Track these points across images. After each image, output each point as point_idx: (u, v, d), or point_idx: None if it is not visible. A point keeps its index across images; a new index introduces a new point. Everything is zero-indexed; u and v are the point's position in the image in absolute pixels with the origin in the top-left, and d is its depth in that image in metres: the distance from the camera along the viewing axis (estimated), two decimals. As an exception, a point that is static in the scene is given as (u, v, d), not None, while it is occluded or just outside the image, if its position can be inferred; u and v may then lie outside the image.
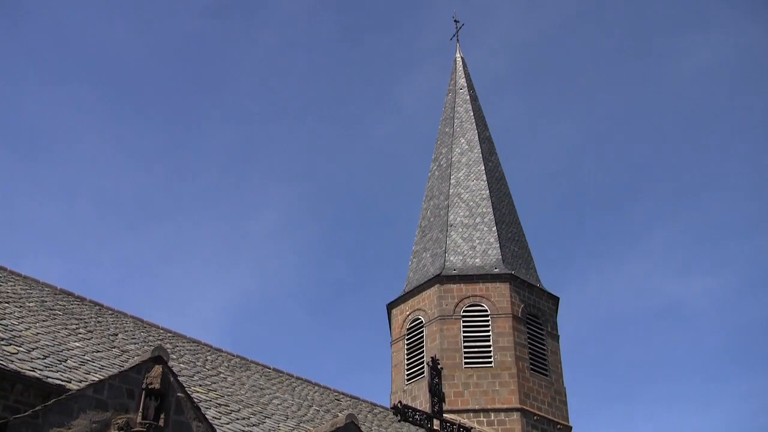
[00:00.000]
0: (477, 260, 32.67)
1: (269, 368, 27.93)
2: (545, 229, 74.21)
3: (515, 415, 29.08)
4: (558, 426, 30.07)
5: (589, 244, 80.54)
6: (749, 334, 75.46)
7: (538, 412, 29.59)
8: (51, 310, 21.22)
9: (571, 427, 30.58)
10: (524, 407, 29.25)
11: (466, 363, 30.22)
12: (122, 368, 14.54)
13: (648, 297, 77.92)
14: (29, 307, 20.48)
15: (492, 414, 29.20)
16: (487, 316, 31.05)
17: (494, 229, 33.64)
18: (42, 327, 19.04)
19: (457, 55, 41.72)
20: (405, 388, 31.15)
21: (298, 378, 28.58)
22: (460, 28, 42.50)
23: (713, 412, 74.55)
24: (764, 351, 74.17)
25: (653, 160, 79.13)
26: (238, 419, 19.25)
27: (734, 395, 74.64)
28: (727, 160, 77.66)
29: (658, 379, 76.35)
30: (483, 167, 36.06)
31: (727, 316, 76.71)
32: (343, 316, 79.19)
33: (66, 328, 20.01)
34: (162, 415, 13.86)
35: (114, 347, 20.47)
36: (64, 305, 22.48)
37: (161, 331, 25.38)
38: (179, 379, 15.08)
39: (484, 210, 34.42)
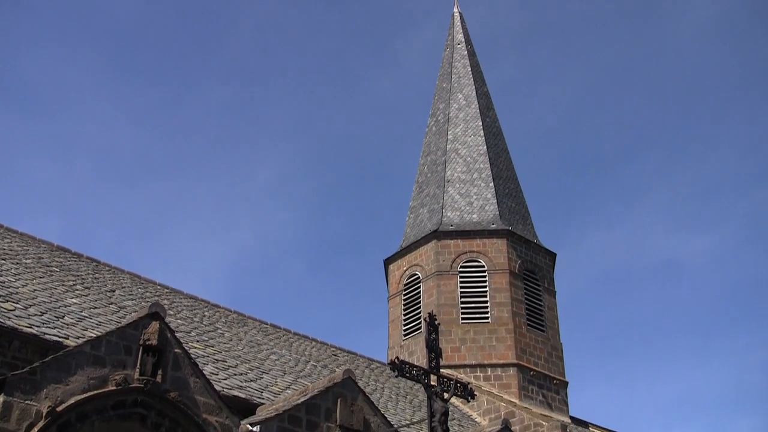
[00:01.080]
0: (474, 216, 32.66)
1: (266, 324, 28.03)
2: (543, 185, 74.23)
3: (512, 371, 29.23)
4: (554, 381, 30.22)
5: (587, 201, 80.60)
6: (746, 291, 75.83)
7: (534, 368, 29.73)
8: (48, 266, 21.22)
9: (567, 383, 30.75)
10: (521, 363, 29.39)
11: (463, 318, 30.32)
12: (119, 324, 14.56)
13: (646, 253, 78.10)
14: (26, 263, 20.48)
15: (489, 369, 29.34)
16: (484, 271, 31.09)
17: (491, 184, 33.60)
18: (39, 283, 19.05)
19: (455, 9, 41.36)
20: (402, 343, 31.26)
21: (295, 333, 28.70)
22: (458, -18, 42.12)
23: (709, 368, 75.08)
24: (761, 307, 74.59)
25: (652, 116, 78.98)
26: (235, 374, 19.33)
27: (730, 351, 75.12)
28: (726, 117, 77.53)
29: (655, 335, 76.77)
30: (480, 123, 35.94)
31: (725, 272, 77.01)
32: (340, 271, 79.40)
33: (63, 285, 20.01)
34: (159, 371, 13.91)
35: (111, 303, 20.49)
36: (61, 262, 22.49)
37: (158, 287, 25.43)
38: (176, 335, 15.11)
39: (482, 166, 34.35)
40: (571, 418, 30.04)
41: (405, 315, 31.88)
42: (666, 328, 76.84)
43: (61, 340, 15.21)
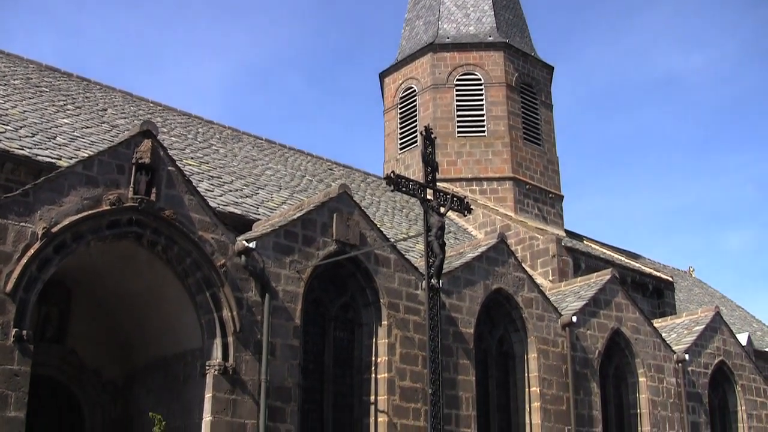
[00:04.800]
0: (471, 28, 32.04)
1: (261, 139, 27.93)
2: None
3: (507, 184, 29.33)
4: (549, 195, 30.37)
5: (587, 14, 78.84)
6: (744, 108, 75.61)
7: (530, 181, 29.82)
8: (37, 87, 20.94)
9: (562, 196, 30.91)
10: (516, 176, 29.47)
11: (459, 132, 30.21)
12: (112, 143, 14.42)
13: (646, 69, 77.28)
14: (14, 84, 20.20)
15: (485, 183, 29.44)
16: (480, 84, 30.77)
17: (488, -5, 32.80)
18: (29, 105, 18.83)
19: None
20: (398, 157, 31.27)
21: (290, 148, 28.64)
22: None
23: (704, 182, 75.78)
24: (758, 124, 74.59)
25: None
26: (230, 191, 19.37)
27: (725, 166, 75.70)
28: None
29: (651, 150, 77.02)
30: (477, -70, 34.76)
31: (724, 89, 76.49)
32: (337, 85, 78.73)
33: (53, 105, 19.80)
34: (153, 190, 13.86)
35: (103, 122, 20.33)
36: (51, 82, 22.17)
37: (151, 105, 25.18)
38: (170, 152, 15.00)
39: (478, -25, 33.43)
40: (566, 231, 30.36)
41: (401, 129, 31.76)
42: (663, 143, 77.11)
43: (53, 160, 15.14)
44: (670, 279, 29.63)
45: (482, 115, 30.38)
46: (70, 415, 15.66)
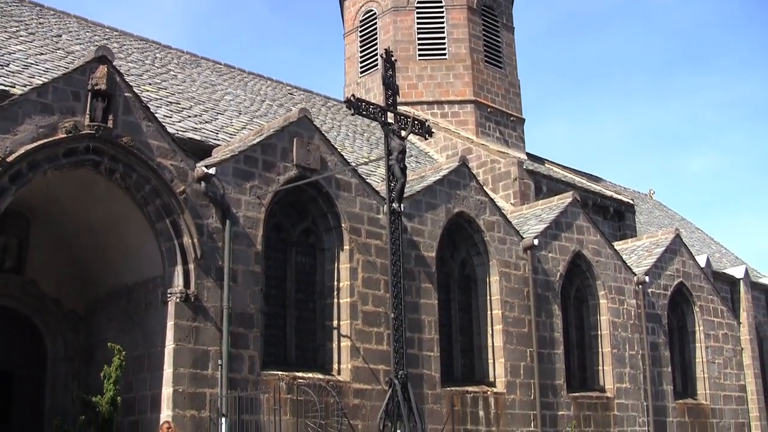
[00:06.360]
0: (431, -52, 31.61)
1: (220, 64, 27.58)
2: None
3: (469, 107, 29.24)
4: (511, 118, 30.33)
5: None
6: (707, 31, 75.72)
7: (491, 105, 29.75)
8: (-12, 13, 20.45)
9: (523, 119, 30.89)
10: (478, 99, 29.37)
11: (420, 55, 29.98)
12: (67, 70, 14.13)
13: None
14: (-36, 9, 19.71)
15: (446, 106, 29.33)
16: (441, 6, 30.44)
17: None
18: (-21, 31, 18.38)
19: None
20: (359, 81, 31.02)
21: (250, 73, 28.32)
22: None
23: (666, 106, 76.04)
24: (720, 47, 74.72)
25: None
26: (189, 117, 19.15)
27: (687, 89, 75.93)
28: None
29: (613, 73, 77.12)
30: None
31: (687, 12, 76.33)
32: (298, 8, 77.64)
33: (6, 32, 19.33)
34: (110, 117, 13.61)
35: (58, 49, 19.91)
36: (2, 8, 21.59)
37: (107, 31, 24.69)
38: (127, 78, 14.76)
39: None
40: (528, 154, 30.40)
41: (361, 52, 31.47)
42: (625, 65, 77.15)
43: (7, 88, 14.81)
44: (631, 202, 29.85)
45: (443, 38, 30.14)
46: (32, 346, 15.61)
